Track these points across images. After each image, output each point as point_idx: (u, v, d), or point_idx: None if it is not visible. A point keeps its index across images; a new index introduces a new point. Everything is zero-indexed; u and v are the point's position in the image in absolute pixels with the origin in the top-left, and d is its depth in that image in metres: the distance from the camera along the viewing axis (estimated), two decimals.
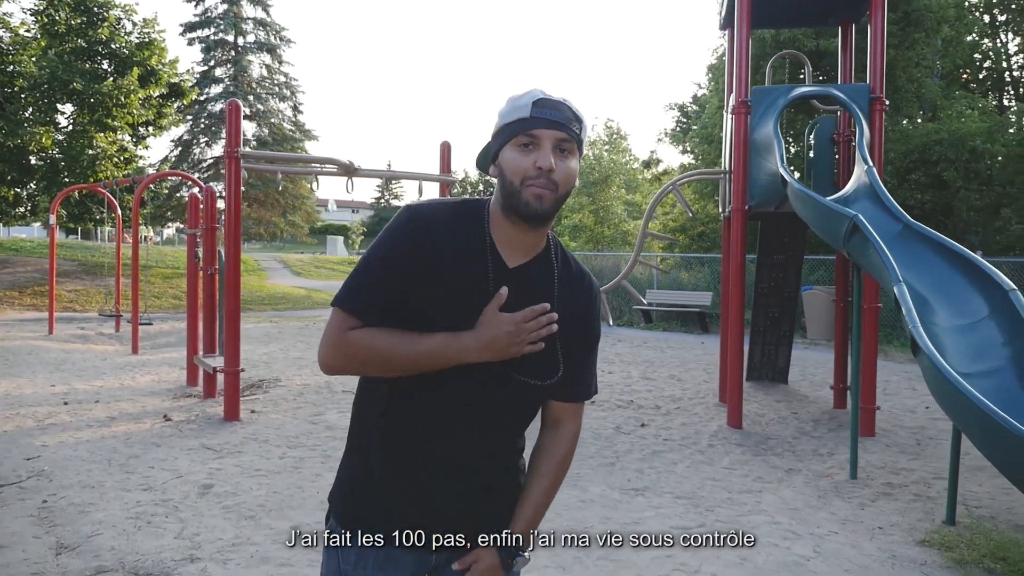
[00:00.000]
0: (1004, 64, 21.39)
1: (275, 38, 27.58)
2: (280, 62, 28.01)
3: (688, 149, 27.43)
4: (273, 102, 27.55)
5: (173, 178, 26.06)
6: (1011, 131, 13.19)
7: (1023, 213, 12.77)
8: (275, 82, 28.16)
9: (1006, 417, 3.41)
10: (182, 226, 31.26)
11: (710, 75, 19.19)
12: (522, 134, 1.38)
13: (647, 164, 36.97)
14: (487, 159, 1.48)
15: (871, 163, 5.56)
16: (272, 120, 27.19)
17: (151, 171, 22.31)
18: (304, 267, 30.73)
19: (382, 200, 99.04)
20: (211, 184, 14.97)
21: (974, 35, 18.50)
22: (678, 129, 28.86)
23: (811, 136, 7.29)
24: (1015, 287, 4.29)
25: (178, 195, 28.09)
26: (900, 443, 6.19)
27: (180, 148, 27.42)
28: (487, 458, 1.51)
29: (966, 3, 17.18)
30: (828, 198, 5.42)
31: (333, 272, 37.03)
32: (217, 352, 7.45)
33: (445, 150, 7.57)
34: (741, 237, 6.54)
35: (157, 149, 60.15)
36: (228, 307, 6.29)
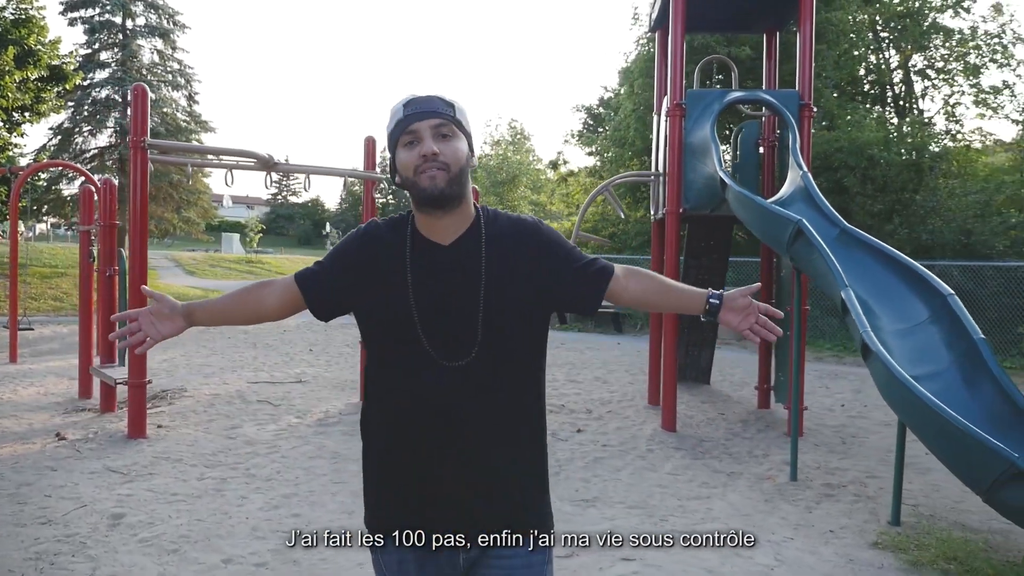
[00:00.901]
0: (886, 79, 22.82)
1: (168, 22, 25.90)
2: (174, 48, 26.34)
3: (596, 151, 27.82)
4: (166, 90, 25.89)
5: (52, 169, 24.06)
6: (908, 141, 14.01)
7: (911, 219, 13.57)
8: (168, 69, 26.47)
9: (958, 418, 3.46)
10: (63, 222, 28.93)
11: (621, 79, 19.45)
12: (403, 133, 1.52)
13: (554, 165, 37.29)
14: (393, 172, 1.59)
15: (805, 168, 5.65)
16: (164, 110, 25.54)
17: (24, 161, 20.46)
18: (198, 266, 29.14)
19: (279, 196, 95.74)
20: (103, 177, 13.84)
21: (861, 49, 19.56)
22: (585, 130, 29.20)
23: (737, 140, 7.40)
24: (952, 292, 4.41)
25: (56, 188, 25.97)
26: (827, 442, 6.34)
27: (60, 137, 25.32)
28: (480, 448, 1.52)
29: (856, 19, 18.11)
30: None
31: (230, 271, 35.36)
32: (116, 361, 6.79)
33: (369, 145, 7.21)
34: (675, 239, 6.52)
35: (33, 137, 55.58)
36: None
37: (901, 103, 23.77)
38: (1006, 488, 3.28)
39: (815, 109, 6.59)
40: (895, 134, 14.53)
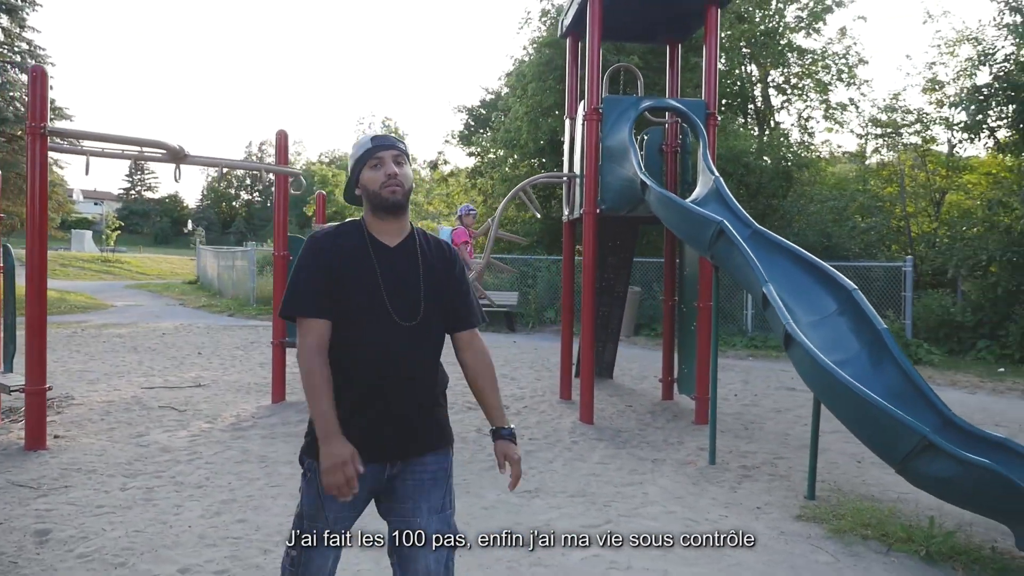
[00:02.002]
0: (748, 92, 24.53)
1: None
2: (22, 26, 23.94)
3: (478, 152, 28.02)
4: (13, 73, 23.52)
5: None
6: (773, 151, 15.16)
7: (780, 223, 14.73)
8: (16, 49, 24.06)
9: (876, 398, 3.87)
10: None
11: (508, 81, 19.76)
12: (371, 158, 2.13)
13: (434, 165, 37.24)
14: (351, 187, 2.19)
15: (717, 173, 6.05)
16: (12, 93, 23.23)
17: None
18: (47, 266, 26.71)
19: (132, 191, 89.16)
20: None
21: (731, 65, 20.94)
22: (466, 131, 29.36)
23: (641, 145, 7.77)
24: (855, 287, 4.90)
25: None
26: (731, 429, 6.80)
27: None
28: (420, 381, 2.14)
29: (728, 35, 19.36)
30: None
31: (84, 271, 32.71)
32: (2, 367, 6.19)
33: (281, 140, 6.99)
34: (593, 239, 6.78)
35: None
36: (31, 314, 5.25)
37: (761, 115, 25.63)
38: (919, 459, 3.72)
39: (719, 118, 7.04)
40: (755, 145, 15.66)
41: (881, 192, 18.49)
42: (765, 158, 17.18)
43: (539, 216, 7.68)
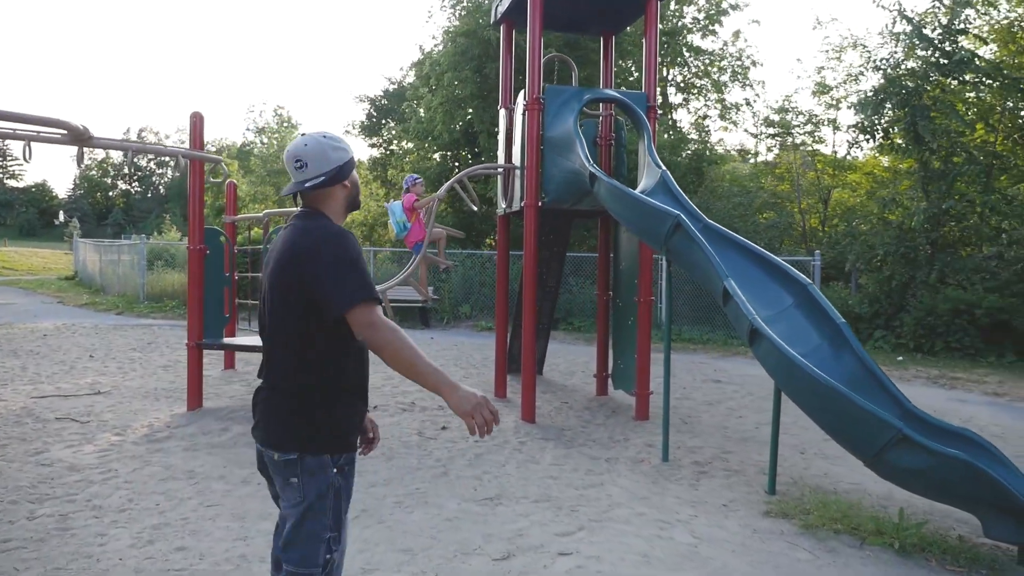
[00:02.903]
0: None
1: None
2: None
3: (379, 144, 27.32)
4: None
5: None
6: (693, 146, 15.48)
7: None
8: None
9: (850, 393, 3.87)
10: None
11: (415, 71, 19.28)
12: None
13: None
14: (333, 180, 2.19)
15: (663, 167, 5.98)
16: None
17: None
18: None
19: None
20: None
21: (631, 62, 21.32)
22: (369, 121, 28.58)
23: None
24: (810, 281, 4.93)
25: None
26: (671, 424, 6.78)
27: None
28: None
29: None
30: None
31: None
32: None
33: (196, 123, 6.39)
34: (534, 232, 6.59)
35: None
36: None
37: (662, 113, 26.27)
38: (892, 452, 3.73)
39: (660, 112, 7.00)
40: (679, 140, 15.98)
41: (775, 190, 19.36)
42: (684, 153, 17.58)
43: (476, 209, 7.39)
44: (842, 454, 5.70)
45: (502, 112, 7.69)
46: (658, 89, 23.71)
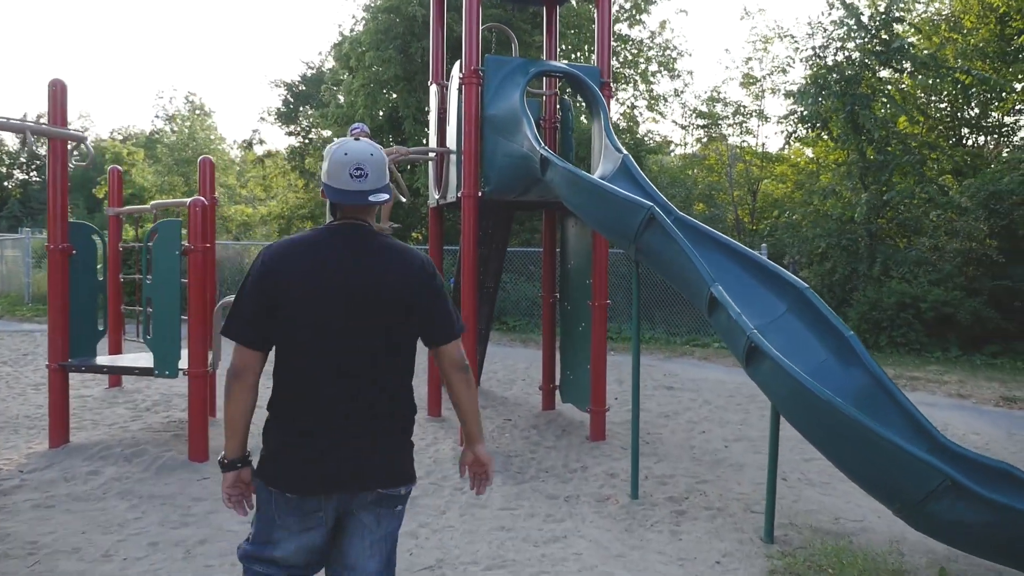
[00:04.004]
0: None
1: None
2: None
3: (297, 131, 25.78)
4: None
5: None
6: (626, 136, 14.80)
7: None
8: None
9: (887, 433, 3.12)
10: None
11: (334, 52, 17.95)
12: None
13: (248, 144, 34.15)
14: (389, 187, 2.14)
15: (624, 150, 5.14)
16: None
17: None
18: None
19: None
20: None
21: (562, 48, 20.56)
22: (285, 108, 26.97)
23: None
24: (807, 285, 4.18)
25: None
26: (631, 445, 5.99)
27: None
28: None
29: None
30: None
31: None
32: None
33: (57, 92, 5.16)
34: (473, 227, 5.66)
35: None
36: None
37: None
38: (939, 503, 2.99)
39: (612, 88, 6.16)
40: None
41: (703, 181, 19.02)
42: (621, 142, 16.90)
43: (404, 200, 6.39)
44: (829, 479, 5.02)
45: (433, 89, 6.69)
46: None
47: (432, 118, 6.71)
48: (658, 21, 29.96)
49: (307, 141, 24.80)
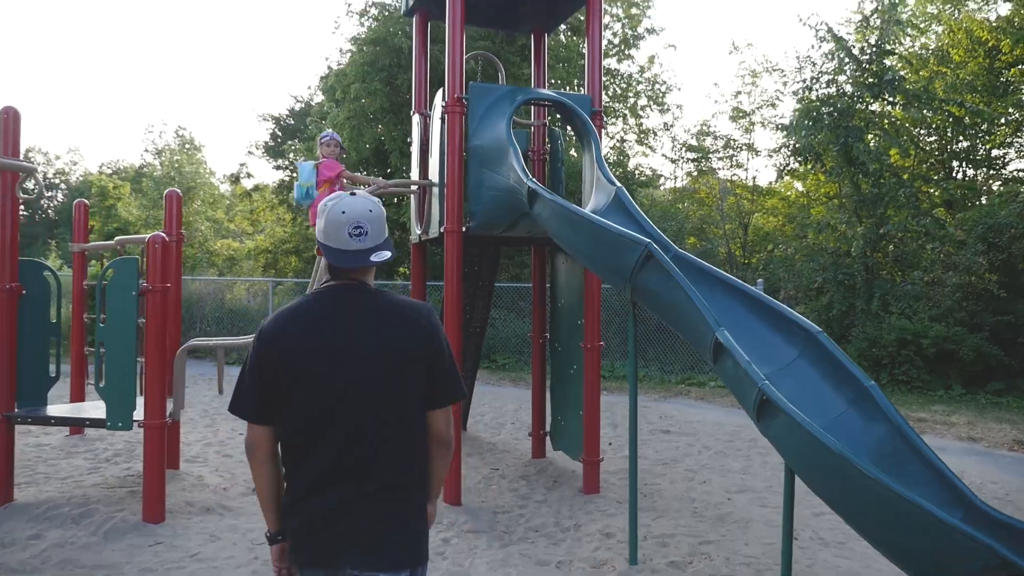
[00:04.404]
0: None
1: None
2: None
3: (284, 165, 25.57)
4: None
5: None
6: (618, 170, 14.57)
7: None
8: None
9: (927, 504, 2.72)
10: None
11: (321, 85, 17.77)
12: None
13: (235, 178, 33.95)
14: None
15: (618, 183, 4.81)
16: None
17: None
18: None
19: None
20: None
21: (552, 81, 20.48)
22: (273, 142, 26.80)
23: None
24: (819, 328, 3.82)
25: None
26: (627, 497, 5.56)
27: None
28: None
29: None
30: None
31: None
32: None
33: (8, 120, 4.79)
34: (456, 263, 5.28)
35: None
36: None
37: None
38: None
39: (606, 119, 5.85)
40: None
41: (694, 215, 18.82)
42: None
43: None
44: (845, 537, 4.61)
45: (415, 119, 6.38)
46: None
47: (415, 149, 6.39)
48: (647, 56, 30.17)
49: (294, 175, 24.53)
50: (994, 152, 15.10)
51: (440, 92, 5.51)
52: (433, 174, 5.75)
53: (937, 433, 7.91)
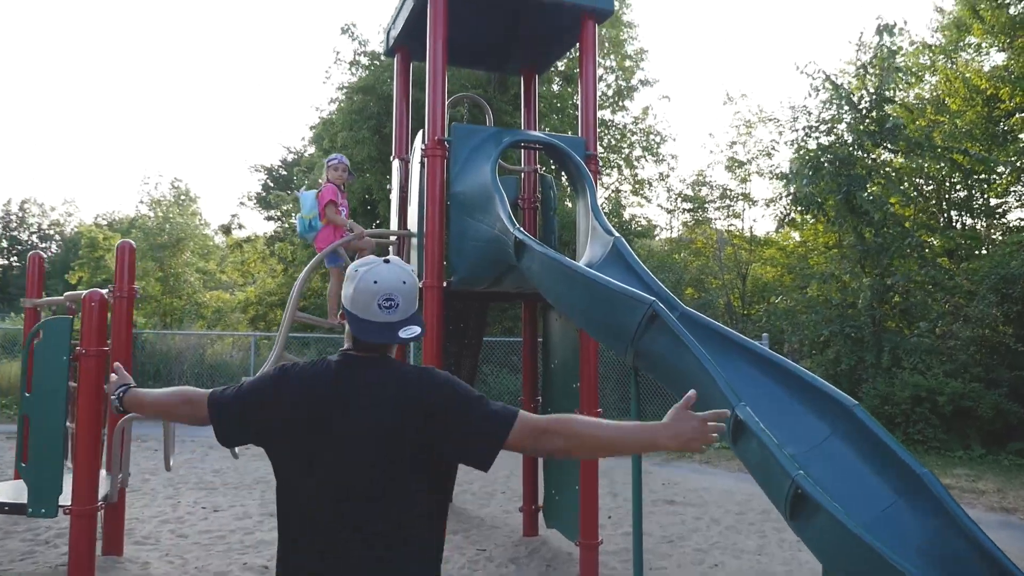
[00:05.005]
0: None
1: None
2: None
3: (275, 216, 25.31)
4: None
5: None
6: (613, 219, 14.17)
7: None
8: None
9: None
10: None
11: (312, 136, 17.51)
12: None
13: (227, 229, 33.61)
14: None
15: (616, 232, 4.30)
16: None
17: None
18: None
19: None
20: None
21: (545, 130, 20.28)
22: (265, 193, 26.60)
23: None
24: (856, 402, 3.26)
25: None
26: None
27: None
28: None
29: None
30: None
31: None
32: None
33: None
34: (437, 322, 4.74)
35: None
36: None
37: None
38: None
39: (600, 163, 5.38)
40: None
41: (690, 265, 18.40)
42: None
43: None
44: None
45: (395, 164, 5.92)
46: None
47: (394, 197, 5.91)
48: (641, 107, 30.25)
49: (286, 226, 24.20)
50: (992, 201, 14.82)
51: (420, 133, 5.05)
52: (413, 224, 5.24)
53: (966, 503, 7.26)
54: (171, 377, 13.96)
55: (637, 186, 22.84)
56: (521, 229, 4.09)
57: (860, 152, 12.59)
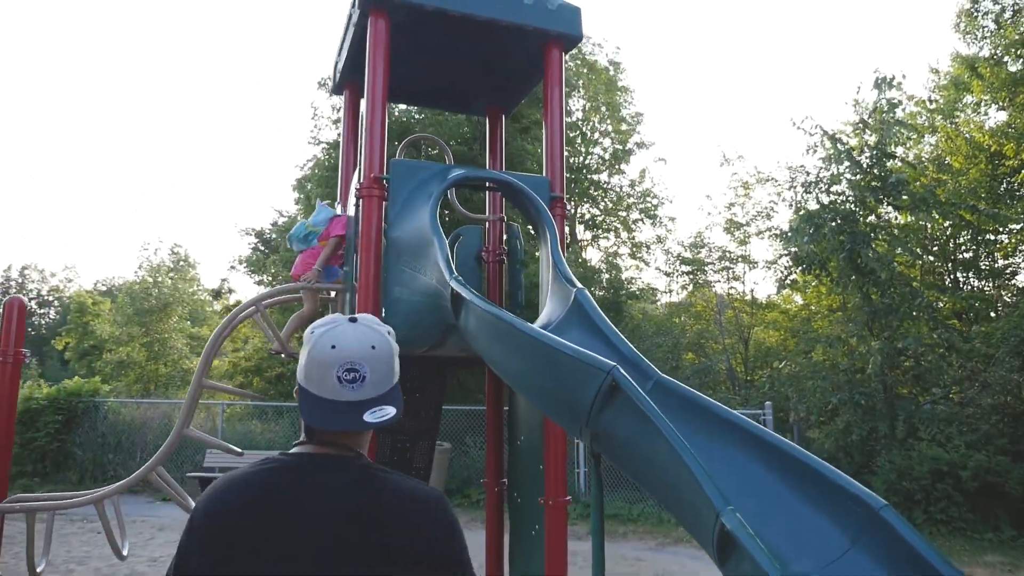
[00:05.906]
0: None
1: None
2: None
3: (267, 280, 24.74)
4: None
5: None
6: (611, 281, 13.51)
7: None
8: None
9: None
10: None
11: (298, 192, 17.05)
12: None
13: (217, 294, 33.08)
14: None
15: (579, 284, 3.56)
16: None
17: None
18: None
19: None
20: None
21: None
22: (255, 255, 26.11)
23: (452, 253, 5.23)
24: (885, 502, 2.45)
25: None
26: None
27: None
28: None
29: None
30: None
31: None
32: None
33: None
34: None
35: None
36: None
37: (570, 246, 24.77)
38: None
39: (570, 208, 4.72)
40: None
41: (689, 329, 17.62)
42: (598, 285, 15.71)
43: (283, 354, 4.75)
44: None
45: (338, 209, 5.24)
46: (567, 198, 22.71)
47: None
48: (638, 170, 30.02)
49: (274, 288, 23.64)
50: (1000, 262, 14.20)
51: (356, 173, 4.38)
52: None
53: None
54: (133, 450, 13.03)
55: (635, 249, 22.32)
56: (459, 278, 3.34)
57: (863, 209, 11.98)
